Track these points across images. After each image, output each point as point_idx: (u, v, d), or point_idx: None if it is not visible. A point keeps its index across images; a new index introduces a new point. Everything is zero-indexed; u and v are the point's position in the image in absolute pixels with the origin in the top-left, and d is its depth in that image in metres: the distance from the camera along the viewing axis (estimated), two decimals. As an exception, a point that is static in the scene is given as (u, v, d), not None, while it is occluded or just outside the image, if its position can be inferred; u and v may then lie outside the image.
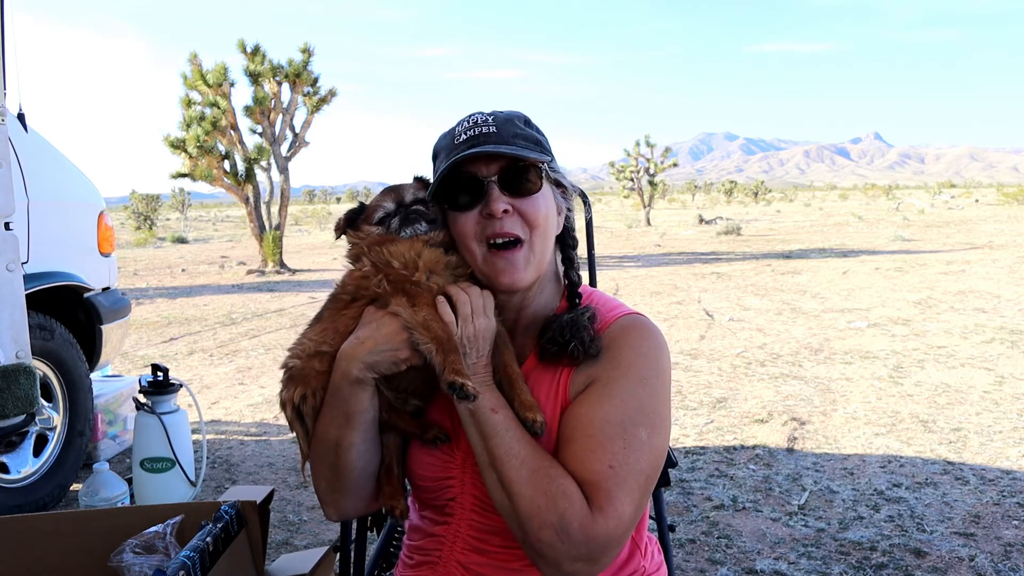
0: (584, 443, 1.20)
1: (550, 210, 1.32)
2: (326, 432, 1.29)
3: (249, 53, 16.37)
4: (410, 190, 1.33)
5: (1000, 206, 42.51)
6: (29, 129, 3.76)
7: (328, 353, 1.28)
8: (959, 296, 10.07)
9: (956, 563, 3.08)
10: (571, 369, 1.29)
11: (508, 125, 1.30)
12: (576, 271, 1.39)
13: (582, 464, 1.18)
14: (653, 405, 1.24)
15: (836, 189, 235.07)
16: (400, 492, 1.37)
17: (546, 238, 1.31)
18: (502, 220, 1.26)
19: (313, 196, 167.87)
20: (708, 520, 3.53)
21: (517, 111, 1.35)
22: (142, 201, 42.82)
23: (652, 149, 33.81)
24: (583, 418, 1.22)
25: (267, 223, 17.04)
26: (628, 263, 16.46)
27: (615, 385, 1.24)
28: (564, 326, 1.28)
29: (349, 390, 1.24)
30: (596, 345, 1.27)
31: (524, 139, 1.30)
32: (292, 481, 4.17)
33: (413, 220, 1.29)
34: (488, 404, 1.21)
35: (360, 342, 1.23)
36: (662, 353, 1.28)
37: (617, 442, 1.19)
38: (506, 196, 1.26)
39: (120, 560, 1.35)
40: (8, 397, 2.67)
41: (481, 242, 1.28)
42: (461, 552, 1.33)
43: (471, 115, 1.32)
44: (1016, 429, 4.72)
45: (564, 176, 1.37)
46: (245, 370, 6.93)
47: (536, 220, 1.28)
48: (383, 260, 1.26)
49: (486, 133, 1.27)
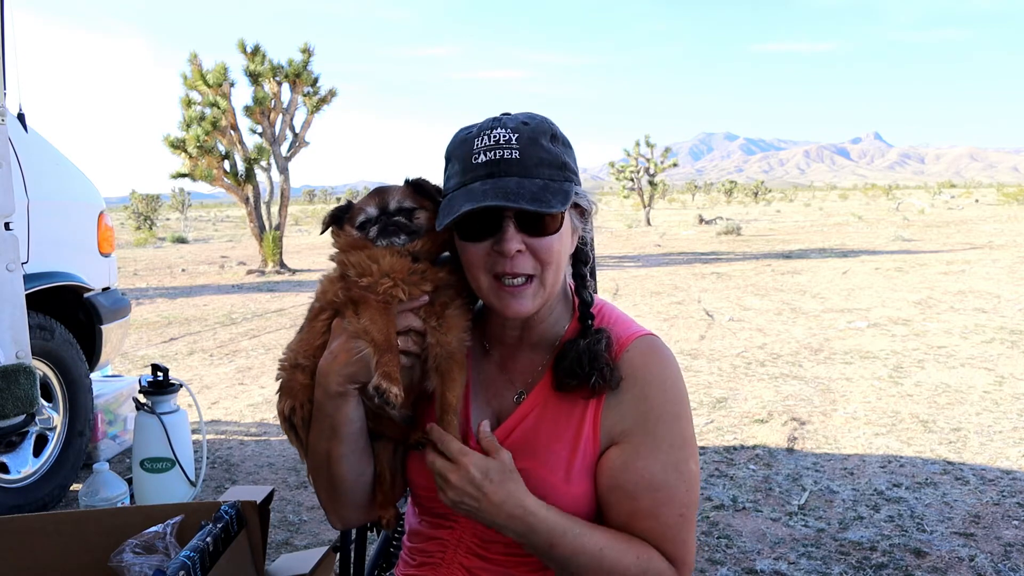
0: (653, 497, 1.23)
1: (564, 243, 1.25)
2: (316, 445, 1.29)
3: (249, 53, 16.36)
4: (396, 196, 1.26)
5: (1000, 206, 42.50)
6: (29, 129, 3.76)
7: (306, 367, 1.28)
8: (959, 296, 10.07)
9: (956, 563, 3.08)
10: (599, 401, 1.26)
11: (532, 148, 1.19)
12: (588, 290, 1.34)
13: (657, 520, 1.22)
14: (690, 434, 1.27)
15: (836, 189, 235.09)
16: (391, 502, 1.37)
17: (558, 271, 1.25)
18: (513, 260, 1.19)
19: (313, 196, 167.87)
20: (708, 520, 3.52)
21: (543, 121, 1.24)
22: (142, 201, 42.81)
23: (652, 149, 33.80)
24: (642, 473, 1.23)
25: (267, 223, 17.03)
26: (628, 263, 16.46)
27: (659, 430, 1.24)
28: (582, 356, 1.24)
29: (332, 404, 1.24)
30: (616, 377, 1.25)
31: (549, 165, 1.20)
32: (292, 481, 4.17)
33: (391, 231, 1.23)
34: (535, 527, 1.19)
35: (334, 356, 1.22)
36: (681, 377, 1.30)
37: (680, 487, 1.23)
38: (522, 235, 1.20)
39: (120, 560, 1.35)
40: (8, 397, 2.67)
41: (489, 274, 1.22)
42: (464, 556, 1.32)
43: (493, 127, 1.20)
44: (1016, 429, 4.72)
45: (585, 197, 1.28)
46: (245, 370, 6.93)
47: (549, 258, 1.22)
48: (346, 269, 1.25)
49: (507, 159, 1.17)
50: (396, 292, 1.20)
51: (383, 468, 1.35)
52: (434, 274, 1.24)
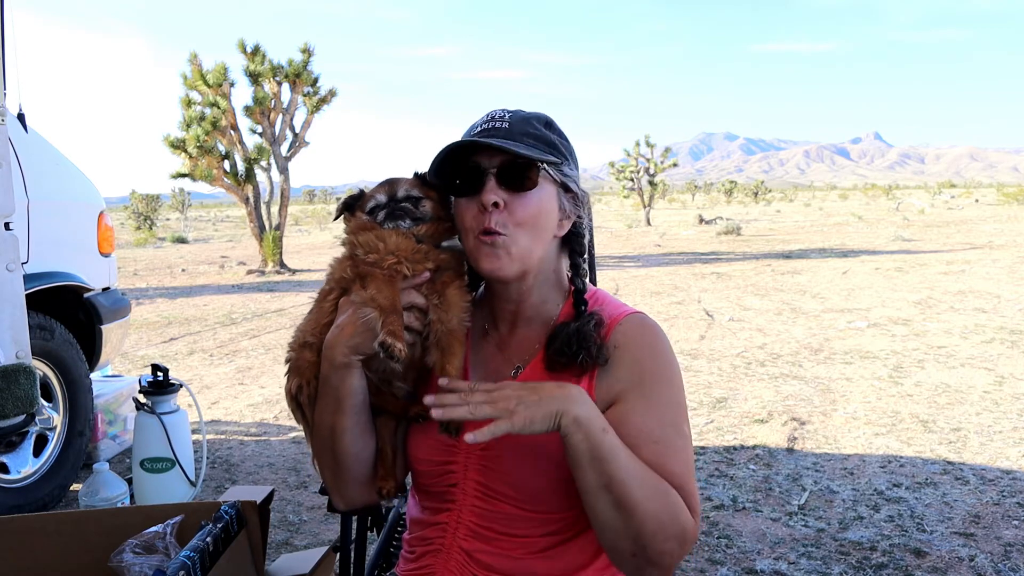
0: (654, 449, 1.24)
1: (544, 209, 1.32)
2: (321, 420, 1.34)
3: (249, 53, 16.35)
4: (404, 185, 1.36)
5: (1000, 206, 42.51)
6: (29, 129, 3.76)
7: (314, 344, 1.35)
8: (959, 296, 10.07)
9: (956, 563, 3.08)
10: (591, 379, 1.31)
11: (522, 124, 1.31)
12: (582, 279, 1.39)
13: (663, 470, 1.22)
14: (682, 400, 1.31)
15: (836, 189, 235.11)
16: (391, 474, 1.40)
17: (535, 237, 1.32)
18: (491, 214, 1.28)
19: (313, 196, 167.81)
20: (708, 520, 3.52)
21: (542, 113, 1.36)
22: (142, 201, 42.80)
23: (652, 149, 33.79)
24: (641, 427, 1.25)
25: (267, 223, 17.03)
26: (628, 263, 16.46)
27: (653, 390, 1.28)
28: (571, 336, 1.30)
29: (337, 376, 1.29)
30: (603, 354, 1.30)
31: (536, 139, 1.31)
32: (292, 481, 4.17)
33: (398, 216, 1.33)
34: (599, 424, 1.18)
35: (340, 329, 1.28)
36: (672, 351, 1.35)
37: (678, 441, 1.26)
38: (502, 190, 1.28)
39: (120, 560, 1.35)
40: (8, 397, 2.67)
41: (474, 233, 1.31)
42: (464, 539, 1.34)
43: (494, 110, 1.35)
44: (1016, 429, 4.72)
45: (575, 181, 1.37)
46: (245, 370, 6.93)
47: (524, 217, 1.29)
48: (354, 248, 1.34)
49: (498, 128, 1.30)
50: (400, 268, 1.28)
51: (384, 444, 1.39)
52: (436, 255, 1.33)
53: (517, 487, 1.30)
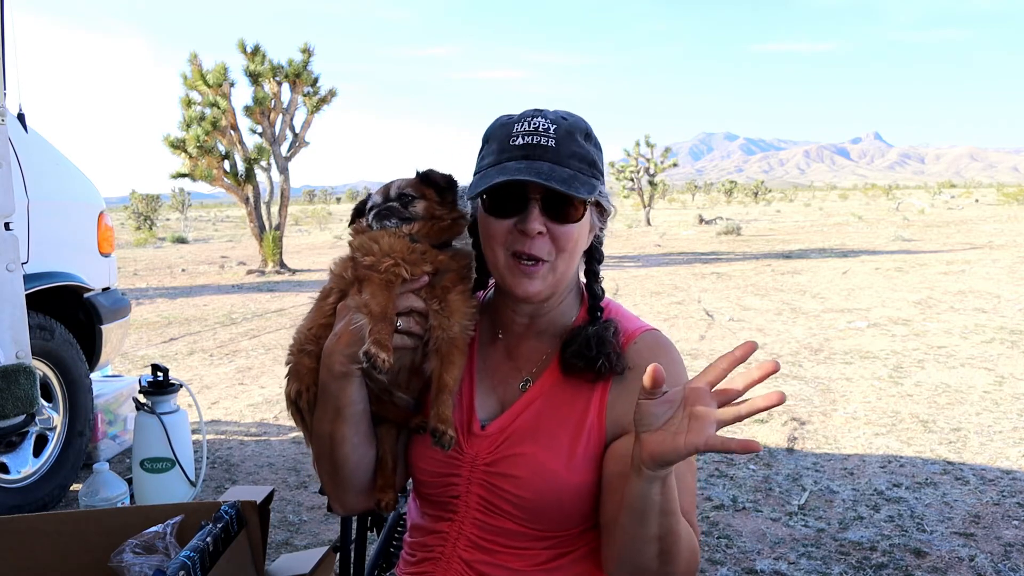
0: None
1: (583, 234, 1.30)
2: (320, 427, 1.31)
3: (249, 53, 16.35)
4: (396, 185, 1.33)
5: (1000, 206, 42.50)
6: (29, 129, 3.76)
7: (312, 351, 1.32)
8: (959, 296, 10.07)
9: (956, 563, 3.08)
10: (604, 389, 1.29)
11: (568, 141, 1.24)
12: (599, 285, 1.39)
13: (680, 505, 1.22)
14: None
15: (836, 189, 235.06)
16: (390, 485, 1.37)
17: (571, 260, 1.30)
18: (533, 240, 1.24)
19: (313, 196, 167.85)
20: (708, 520, 3.52)
21: (579, 120, 1.29)
22: (142, 201, 42.79)
23: (652, 149, 33.79)
24: None
25: (267, 223, 17.03)
26: (628, 263, 16.46)
27: None
28: (590, 340, 1.29)
29: (336, 385, 1.26)
30: (622, 363, 1.29)
31: (580, 160, 1.25)
32: (292, 481, 4.17)
33: (383, 216, 1.29)
34: (673, 476, 1.15)
35: (337, 338, 1.25)
36: (684, 368, 1.33)
37: (687, 475, 1.25)
38: (545, 218, 1.24)
39: (120, 560, 1.35)
40: (8, 397, 2.67)
41: (507, 251, 1.27)
42: (464, 549, 1.33)
43: (534, 115, 1.27)
44: (1016, 429, 4.72)
45: (607, 198, 1.33)
46: (245, 370, 6.93)
47: (566, 245, 1.27)
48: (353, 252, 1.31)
49: (543, 145, 1.23)
50: (398, 270, 1.24)
51: (385, 453, 1.37)
52: (434, 256, 1.27)
53: (521, 507, 1.28)
